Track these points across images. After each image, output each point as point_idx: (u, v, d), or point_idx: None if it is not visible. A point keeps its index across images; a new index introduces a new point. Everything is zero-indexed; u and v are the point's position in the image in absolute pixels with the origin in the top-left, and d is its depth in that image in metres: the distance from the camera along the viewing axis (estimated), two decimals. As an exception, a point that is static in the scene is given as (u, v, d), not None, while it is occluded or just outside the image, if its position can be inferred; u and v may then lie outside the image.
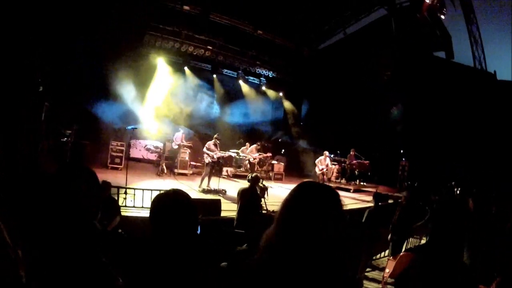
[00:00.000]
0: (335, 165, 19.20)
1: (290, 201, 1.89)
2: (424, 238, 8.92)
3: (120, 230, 7.57)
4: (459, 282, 2.73)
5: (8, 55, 9.73)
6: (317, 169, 17.29)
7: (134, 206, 9.21)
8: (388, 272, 7.34)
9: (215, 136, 14.06)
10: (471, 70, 21.23)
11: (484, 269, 4.67)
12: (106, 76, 15.33)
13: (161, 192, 2.36)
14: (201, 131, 19.49)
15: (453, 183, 14.03)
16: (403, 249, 8.55)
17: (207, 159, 13.68)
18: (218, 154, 13.73)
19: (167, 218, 2.19)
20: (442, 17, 18.06)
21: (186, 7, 16.53)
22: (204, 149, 13.79)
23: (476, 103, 18.61)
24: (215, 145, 13.75)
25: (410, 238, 9.55)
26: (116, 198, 8.69)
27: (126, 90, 16.35)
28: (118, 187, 9.29)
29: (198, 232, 2.41)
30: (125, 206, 9.04)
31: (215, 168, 13.94)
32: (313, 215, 1.78)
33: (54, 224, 2.05)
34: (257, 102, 22.62)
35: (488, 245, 4.79)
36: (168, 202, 2.25)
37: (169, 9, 16.30)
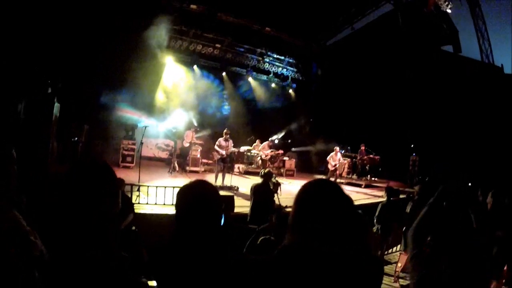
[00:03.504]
0: (346, 159, 19.19)
1: (302, 197, 2.04)
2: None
3: (133, 228, 7.62)
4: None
5: (17, 58, 9.83)
6: (329, 166, 17.17)
7: (147, 203, 9.29)
8: (400, 266, 7.37)
9: (225, 131, 14.01)
10: (478, 64, 21.08)
11: (494, 262, 4.65)
12: (116, 76, 15.44)
13: (187, 183, 2.36)
14: (211, 128, 19.50)
15: (463, 176, 13.91)
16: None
17: (216, 156, 13.71)
18: (230, 149, 13.72)
19: (195, 208, 2.19)
20: (449, 11, 17.92)
21: (193, 6, 16.58)
22: (215, 146, 13.80)
23: (484, 96, 18.49)
24: (225, 140, 13.72)
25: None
26: (129, 195, 8.76)
27: (136, 89, 16.48)
28: (132, 185, 9.36)
29: (222, 223, 2.43)
30: (138, 203, 9.12)
31: (226, 165, 13.93)
32: (322, 210, 1.92)
33: (70, 224, 2.05)
34: (267, 99, 22.63)
35: (497, 237, 4.77)
36: (195, 192, 2.27)
37: (176, 8, 16.34)
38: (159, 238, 2.39)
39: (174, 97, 18.74)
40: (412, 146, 19.45)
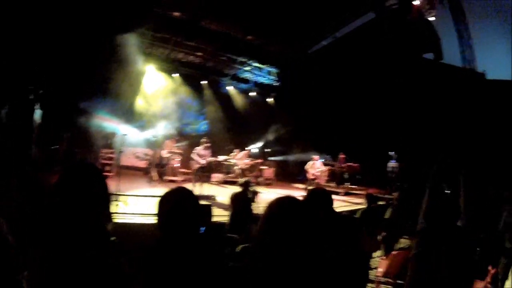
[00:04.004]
0: (325, 168, 19.27)
1: (267, 217, 2.10)
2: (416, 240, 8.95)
3: (113, 238, 7.53)
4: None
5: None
6: (309, 174, 17.17)
7: (125, 213, 9.19)
8: (381, 271, 7.39)
9: (203, 140, 14.00)
10: (460, 70, 21.34)
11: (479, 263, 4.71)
12: (96, 83, 15.29)
13: (167, 191, 2.39)
14: (191, 138, 19.45)
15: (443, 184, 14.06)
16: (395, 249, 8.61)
17: (195, 165, 13.66)
18: (208, 158, 13.69)
19: (176, 214, 2.22)
20: (432, 18, 18.13)
21: (176, 13, 16.52)
22: (193, 155, 13.75)
23: (465, 103, 18.68)
24: (204, 149, 13.68)
25: (401, 239, 9.61)
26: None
27: (116, 97, 16.37)
28: (110, 194, 9.24)
29: (202, 231, 2.45)
30: (117, 213, 9.03)
31: (205, 174, 13.89)
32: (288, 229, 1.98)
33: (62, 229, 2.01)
34: (247, 108, 22.65)
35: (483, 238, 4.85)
36: (176, 198, 2.30)
37: (158, 15, 16.27)
38: (139, 247, 2.37)
39: (154, 106, 18.68)
40: (390, 153, 19.59)
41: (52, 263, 1.91)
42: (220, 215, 9.87)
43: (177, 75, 19.94)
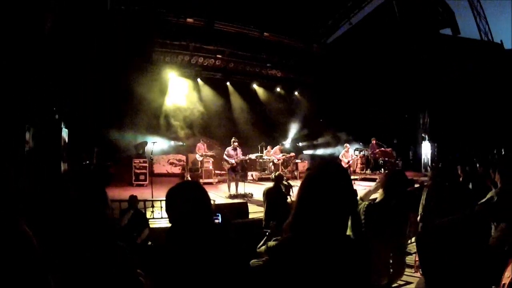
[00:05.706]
0: (358, 155, 19.12)
1: (304, 183, 2.00)
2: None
3: (150, 243, 7.69)
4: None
5: (22, 86, 9.94)
6: (342, 163, 17.04)
7: (162, 217, 9.32)
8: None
9: (232, 140, 14.06)
10: (478, 43, 20.89)
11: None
12: (120, 96, 15.54)
13: (172, 186, 2.41)
14: (221, 139, 19.57)
15: (474, 159, 13.81)
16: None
17: (226, 166, 13.76)
18: (239, 157, 13.74)
19: (181, 203, 2.23)
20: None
21: (189, 20, 16.65)
22: (224, 156, 13.85)
23: (487, 75, 18.25)
24: (234, 149, 13.74)
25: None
26: (144, 212, 8.82)
27: (142, 107, 16.60)
28: (145, 201, 9.43)
29: (220, 221, 2.44)
30: (153, 218, 9.18)
31: (238, 173, 13.92)
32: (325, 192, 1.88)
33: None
34: (274, 104, 22.64)
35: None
36: (180, 188, 2.32)
37: (173, 23, 16.44)
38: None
39: (180, 111, 18.85)
40: (423, 135, 19.35)
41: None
42: (257, 212, 9.96)
43: (200, 79, 20.19)
